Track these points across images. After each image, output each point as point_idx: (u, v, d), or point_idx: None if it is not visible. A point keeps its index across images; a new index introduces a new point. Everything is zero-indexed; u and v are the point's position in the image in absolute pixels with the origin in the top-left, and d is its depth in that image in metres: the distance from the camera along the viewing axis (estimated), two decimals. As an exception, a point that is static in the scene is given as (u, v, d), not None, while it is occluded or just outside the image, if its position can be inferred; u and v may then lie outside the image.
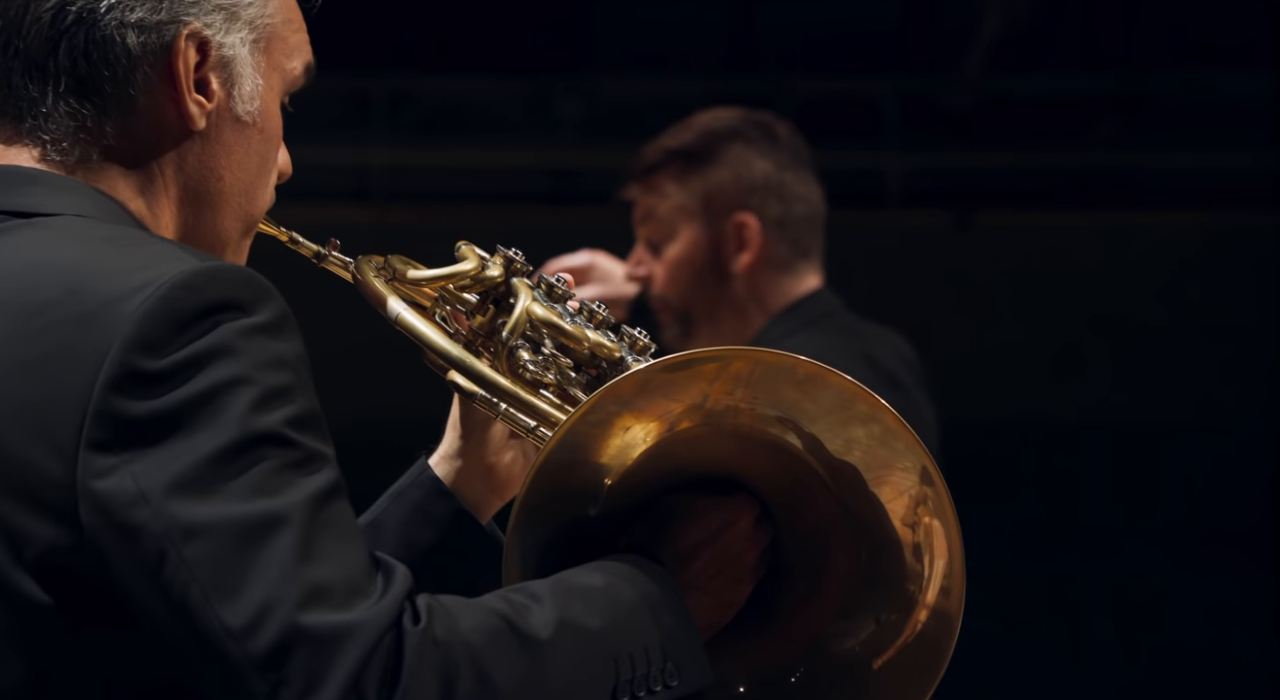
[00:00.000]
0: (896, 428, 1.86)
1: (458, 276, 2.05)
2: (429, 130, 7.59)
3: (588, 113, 7.62)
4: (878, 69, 7.56)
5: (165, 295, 1.67)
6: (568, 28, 7.62)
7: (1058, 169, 7.41)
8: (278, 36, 1.90)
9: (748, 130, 3.58)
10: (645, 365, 1.87)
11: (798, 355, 1.85)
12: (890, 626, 1.91)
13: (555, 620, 1.72)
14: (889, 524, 1.90)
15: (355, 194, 7.37)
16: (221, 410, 1.65)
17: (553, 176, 7.87)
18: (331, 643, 1.61)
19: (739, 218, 3.53)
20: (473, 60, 7.53)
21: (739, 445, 1.89)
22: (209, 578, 1.62)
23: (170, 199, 1.87)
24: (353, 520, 1.68)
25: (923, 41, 7.65)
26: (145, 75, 1.83)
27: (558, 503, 1.86)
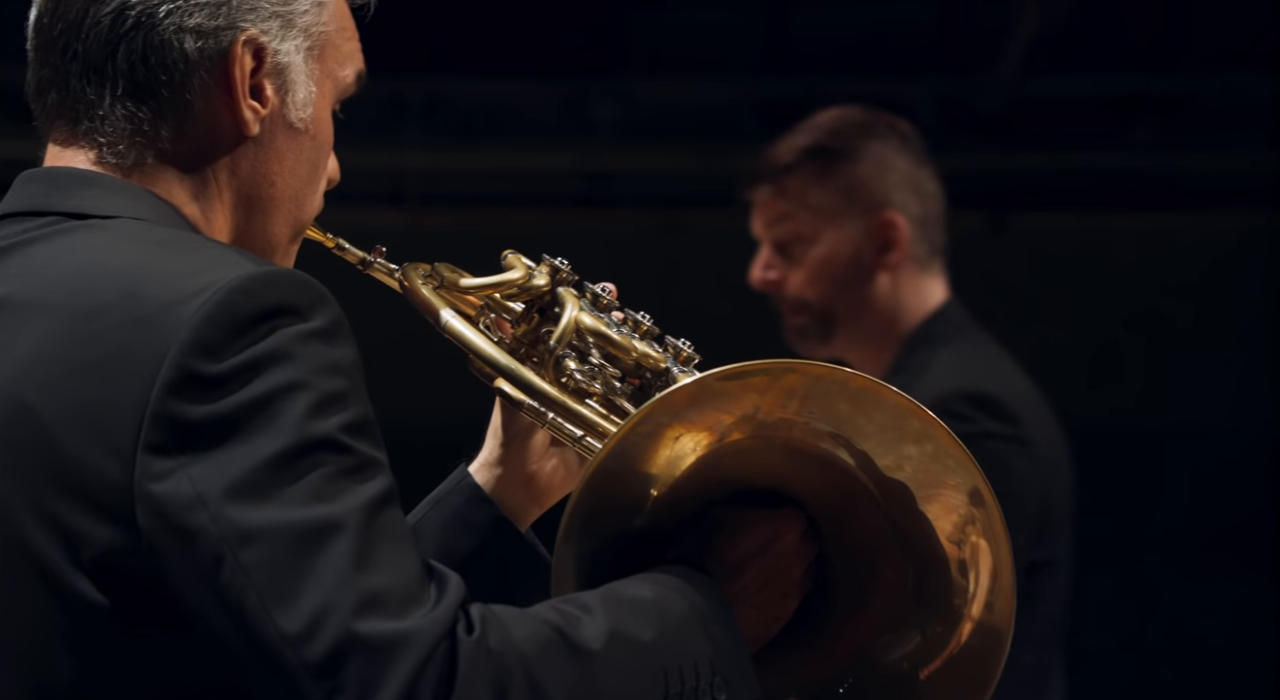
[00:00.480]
0: (949, 445, 1.86)
1: (505, 285, 2.07)
2: (464, 133, 7.61)
3: (623, 116, 7.63)
4: (913, 71, 7.54)
5: (223, 299, 1.69)
6: (602, 31, 7.62)
7: (1093, 170, 7.38)
8: (331, 44, 1.92)
9: (879, 127, 3.52)
10: (698, 376, 1.86)
11: (849, 369, 1.85)
12: (936, 639, 1.91)
13: (607, 631, 1.72)
14: (936, 541, 1.89)
15: (390, 197, 7.39)
16: (278, 415, 1.66)
17: (587, 179, 7.88)
18: (387, 651, 1.61)
19: (886, 215, 3.47)
20: (507, 63, 7.54)
21: (789, 458, 1.89)
22: (265, 583, 1.63)
23: (224, 203, 1.88)
24: (406, 527, 1.69)
25: (958, 44, 7.63)
26: (201, 80, 1.85)
27: (607, 513, 1.86)
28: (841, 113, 3.59)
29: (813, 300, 3.49)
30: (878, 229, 3.48)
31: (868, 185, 3.49)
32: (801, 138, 3.56)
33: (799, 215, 3.52)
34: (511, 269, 2.09)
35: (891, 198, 3.49)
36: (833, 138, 3.52)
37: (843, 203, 3.49)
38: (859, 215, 3.48)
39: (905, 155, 3.52)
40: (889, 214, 3.48)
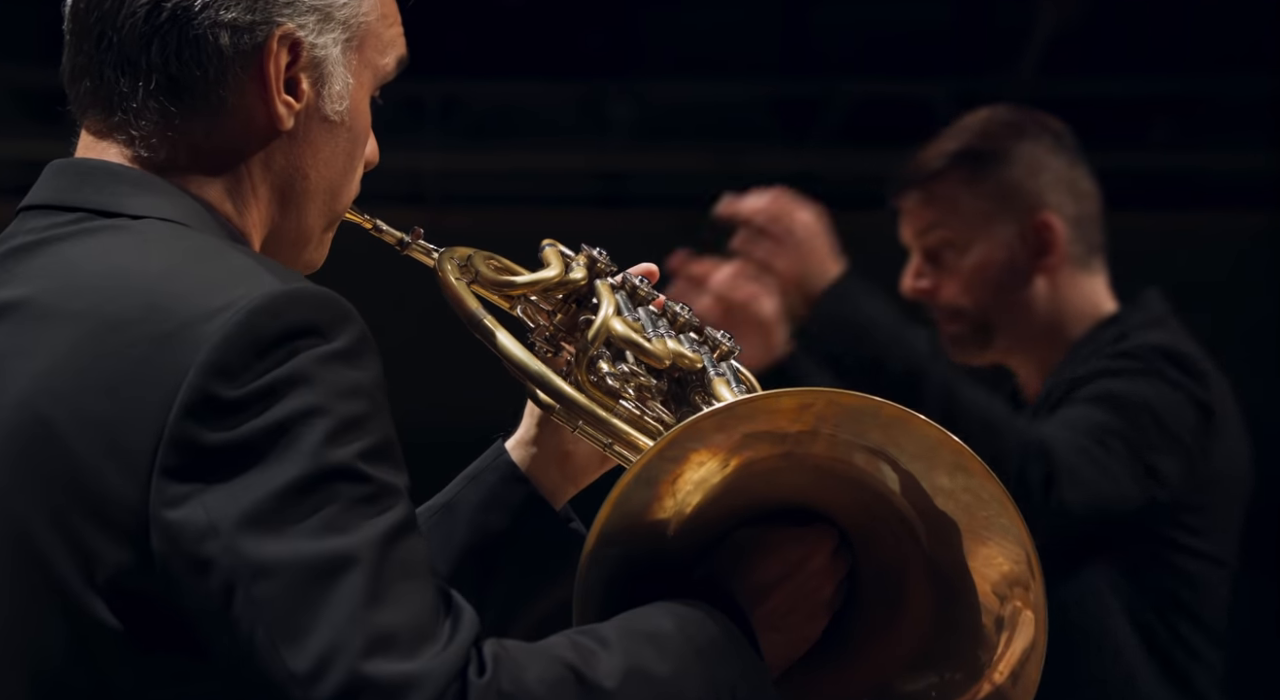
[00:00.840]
0: (985, 480, 1.81)
1: (541, 283, 2.04)
2: (481, 134, 7.61)
3: (639, 116, 7.62)
4: (931, 71, 7.53)
5: (243, 321, 1.67)
6: (618, 31, 7.62)
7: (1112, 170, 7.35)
8: (372, 33, 1.89)
9: (1029, 126, 3.43)
10: (727, 403, 1.84)
11: (879, 398, 1.81)
12: (954, 686, 1.87)
13: (623, 668, 1.70)
14: (973, 584, 1.85)
15: (409, 197, 7.39)
16: (295, 442, 1.64)
17: (604, 179, 7.87)
18: (395, 693, 1.60)
19: (1041, 218, 3.38)
20: (524, 64, 7.53)
21: (818, 479, 1.86)
22: (275, 619, 1.61)
23: (257, 198, 1.86)
24: (423, 558, 1.67)
25: (976, 43, 7.62)
26: (236, 76, 1.83)
27: (632, 535, 1.84)
28: (991, 113, 3.49)
29: (968, 308, 3.40)
30: (1033, 232, 3.39)
31: (1021, 188, 3.40)
32: (950, 142, 3.48)
33: (950, 222, 3.43)
34: (548, 265, 2.06)
35: (1046, 199, 3.40)
36: (982, 140, 3.43)
37: (995, 207, 3.40)
38: (1013, 219, 3.39)
39: (1058, 154, 3.43)
40: (1044, 216, 3.39)
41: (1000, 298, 3.38)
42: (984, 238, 3.40)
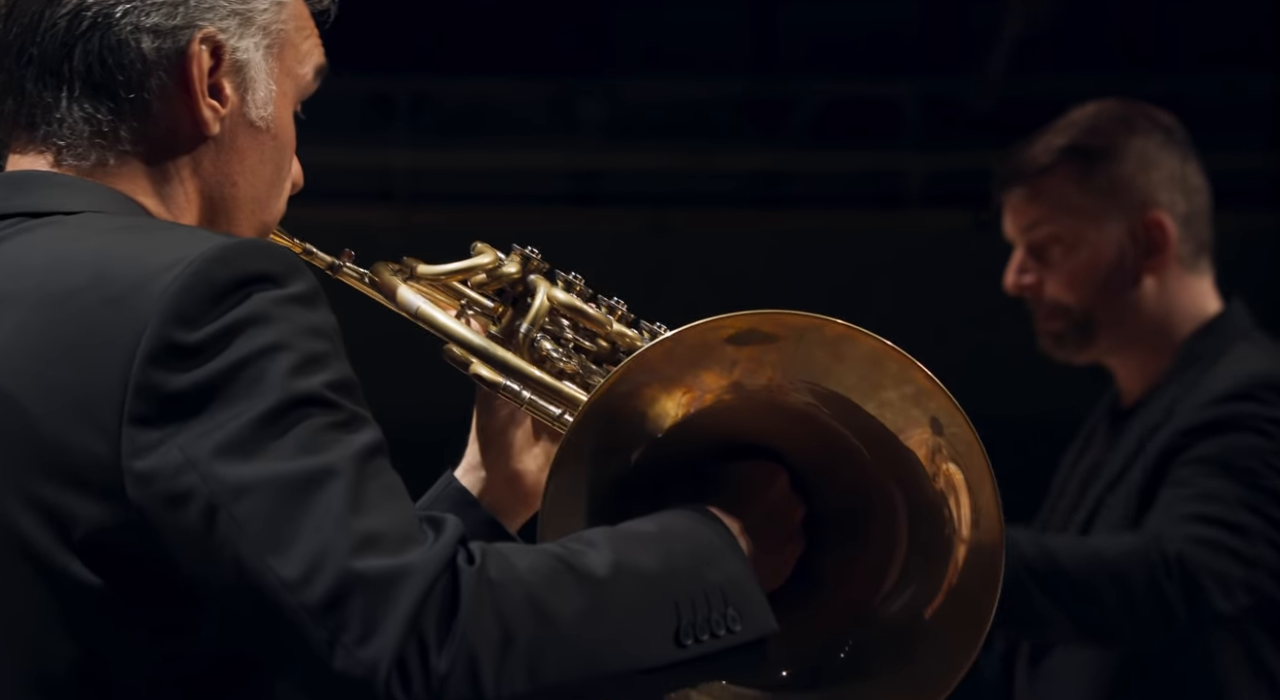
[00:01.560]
0: (929, 387, 1.84)
1: (473, 270, 2.06)
2: (451, 132, 7.60)
3: (610, 114, 7.63)
4: (899, 70, 7.55)
5: (198, 269, 1.68)
6: (590, 29, 7.62)
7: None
8: (290, 43, 1.89)
9: (1140, 122, 3.33)
10: (673, 331, 1.85)
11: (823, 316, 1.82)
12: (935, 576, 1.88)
13: (613, 562, 1.71)
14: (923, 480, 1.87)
15: (379, 196, 7.38)
16: (262, 375, 1.65)
17: (575, 178, 7.88)
18: (387, 585, 1.60)
19: (1152, 216, 3.28)
20: (495, 62, 7.53)
21: (769, 414, 1.88)
22: (260, 533, 1.62)
23: (189, 202, 1.87)
24: (398, 478, 1.69)
25: (944, 42, 7.64)
26: (160, 80, 1.83)
27: (588, 481, 1.86)
28: (1100, 107, 3.37)
29: (1073, 305, 3.29)
30: (1143, 230, 3.26)
31: (1132, 185, 3.28)
32: (1059, 137, 3.34)
33: (1057, 218, 3.30)
34: (480, 256, 2.07)
35: (1157, 197, 3.27)
36: (1093, 136, 3.31)
37: (1105, 204, 3.28)
38: (1122, 216, 3.27)
39: (1170, 150, 3.31)
40: (1154, 214, 3.27)
41: (1106, 296, 3.28)
42: (1093, 235, 3.28)
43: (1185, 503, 3.09)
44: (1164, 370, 3.28)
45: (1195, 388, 3.23)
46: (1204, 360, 3.25)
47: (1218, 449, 3.12)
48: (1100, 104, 3.39)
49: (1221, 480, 3.10)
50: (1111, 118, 3.34)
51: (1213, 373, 3.22)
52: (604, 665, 1.68)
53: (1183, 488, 3.11)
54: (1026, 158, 3.37)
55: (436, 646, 1.60)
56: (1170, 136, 3.32)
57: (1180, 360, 3.27)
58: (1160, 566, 3.02)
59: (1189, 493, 3.10)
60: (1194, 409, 3.19)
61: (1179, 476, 3.12)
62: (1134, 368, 3.34)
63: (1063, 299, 3.31)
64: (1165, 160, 3.30)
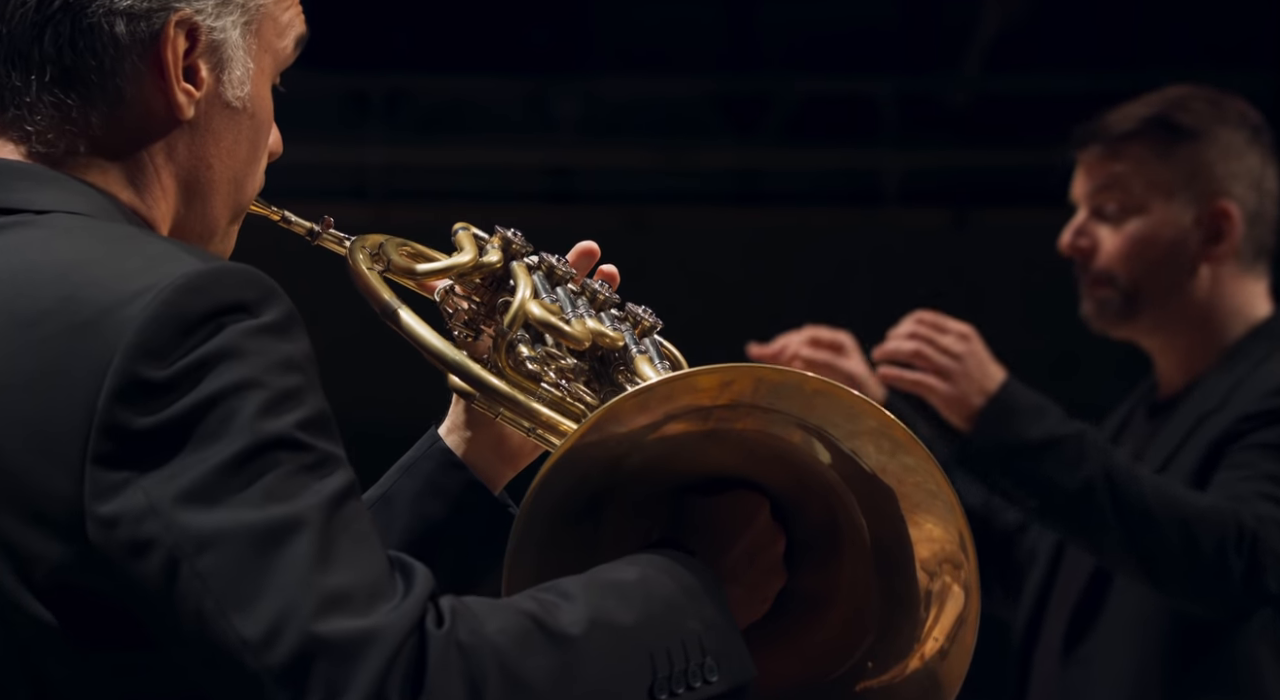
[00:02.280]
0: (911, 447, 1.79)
1: (454, 269, 1.99)
2: (427, 129, 7.58)
3: (586, 112, 7.61)
4: (876, 68, 7.55)
5: (167, 299, 1.62)
6: (566, 26, 7.61)
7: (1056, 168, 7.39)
8: (269, 16, 1.84)
9: (1231, 113, 3.31)
10: (646, 384, 1.80)
11: (802, 372, 1.78)
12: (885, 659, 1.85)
13: (587, 617, 1.66)
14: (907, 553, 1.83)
15: (353, 193, 7.36)
16: (230, 417, 1.60)
17: (551, 175, 7.86)
18: (352, 650, 1.56)
19: (1222, 205, 3.24)
20: (471, 59, 7.52)
21: (746, 455, 1.84)
22: (223, 589, 1.57)
23: (163, 189, 1.81)
24: (369, 522, 1.63)
25: (921, 40, 7.65)
26: (133, 64, 1.77)
27: (560, 523, 1.81)
28: (1195, 90, 3.34)
29: (1121, 276, 3.25)
30: (1209, 217, 3.22)
31: (1211, 170, 3.24)
32: (1148, 107, 3.30)
33: (1129, 185, 3.26)
34: (461, 250, 2.01)
35: (1231, 188, 3.23)
36: (1185, 114, 3.28)
37: (1179, 182, 3.24)
38: (1192, 199, 3.23)
39: (1254, 148, 3.28)
40: (1224, 203, 3.22)
41: (1157, 274, 3.24)
42: (1159, 210, 3.25)
43: (1251, 482, 3.07)
44: (1209, 365, 3.25)
45: (1251, 380, 3.19)
46: (1252, 358, 3.21)
47: (1275, 435, 3.09)
48: (1195, 87, 3.36)
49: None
50: (1205, 101, 3.32)
51: (1269, 367, 3.18)
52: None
53: (1245, 470, 3.08)
54: (1111, 120, 3.33)
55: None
56: (1257, 135, 3.29)
57: (1227, 358, 3.23)
58: (1234, 532, 3.00)
59: (1254, 474, 3.08)
60: (1253, 398, 3.15)
61: (1240, 460, 3.10)
62: (1175, 356, 3.30)
63: (1113, 267, 3.28)
64: (1248, 155, 3.27)
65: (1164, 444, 3.23)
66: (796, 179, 7.87)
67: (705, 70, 7.69)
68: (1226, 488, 3.08)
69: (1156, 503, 3.03)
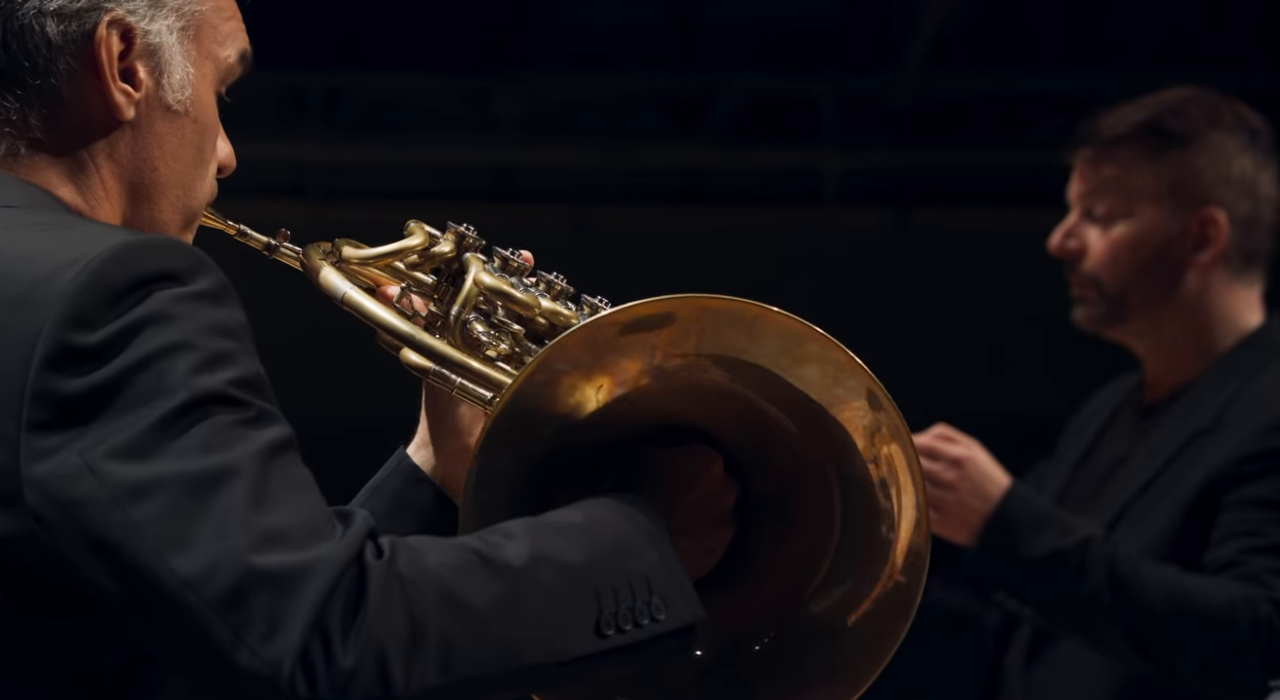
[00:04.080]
0: (848, 364, 1.83)
1: (404, 252, 2.02)
2: (366, 127, 7.55)
3: (527, 110, 7.60)
4: (817, 67, 7.56)
5: (96, 269, 1.64)
6: (507, 24, 7.59)
7: (997, 168, 7.42)
8: (208, 24, 1.86)
9: (1227, 117, 3.27)
10: (591, 318, 1.84)
11: (741, 299, 1.82)
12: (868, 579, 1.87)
13: (530, 552, 1.68)
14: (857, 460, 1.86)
15: (292, 191, 7.32)
16: (162, 376, 1.62)
17: (492, 174, 7.84)
18: (290, 582, 1.58)
19: (1208, 211, 3.22)
20: (411, 57, 7.49)
21: (695, 398, 1.87)
22: (159, 534, 1.59)
23: (107, 191, 1.83)
24: (307, 473, 1.65)
25: (862, 40, 7.66)
26: (68, 65, 1.79)
27: (512, 467, 1.83)
28: (1193, 94, 3.29)
29: (1106, 280, 3.24)
30: (1196, 224, 3.21)
31: (1199, 176, 3.22)
32: (1141, 111, 3.28)
33: (1118, 188, 3.25)
34: (412, 237, 2.04)
35: (1220, 194, 3.21)
36: (1176, 119, 3.24)
37: (1167, 188, 3.20)
38: (1180, 204, 3.21)
39: (1248, 153, 3.25)
40: (1212, 210, 3.21)
41: (1143, 279, 3.23)
42: (1146, 215, 3.24)
43: (1262, 557, 3.05)
44: (1198, 371, 3.24)
45: (1245, 400, 3.18)
46: (1244, 371, 3.20)
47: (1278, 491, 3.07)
48: (1194, 91, 3.34)
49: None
50: (1199, 106, 3.29)
51: (1264, 392, 3.17)
52: (520, 657, 1.65)
53: (1251, 538, 3.07)
54: (1104, 123, 3.32)
55: (341, 642, 1.57)
56: (1254, 140, 3.27)
57: (1218, 368, 3.22)
58: (1247, 630, 3.00)
59: (1263, 544, 3.06)
60: (1251, 433, 3.13)
61: (1244, 521, 3.08)
62: (1164, 360, 3.30)
63: (1099, 270, 3.27)
64: (1241, 161, 3.25)
65: (1153, 454, 3.22)
66: (738, 178, 7.88)
67: (647, 69, 7.69)
68: (1233, 558, 3.06)
69: (1165, 604, 3.03)
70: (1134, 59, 7.13)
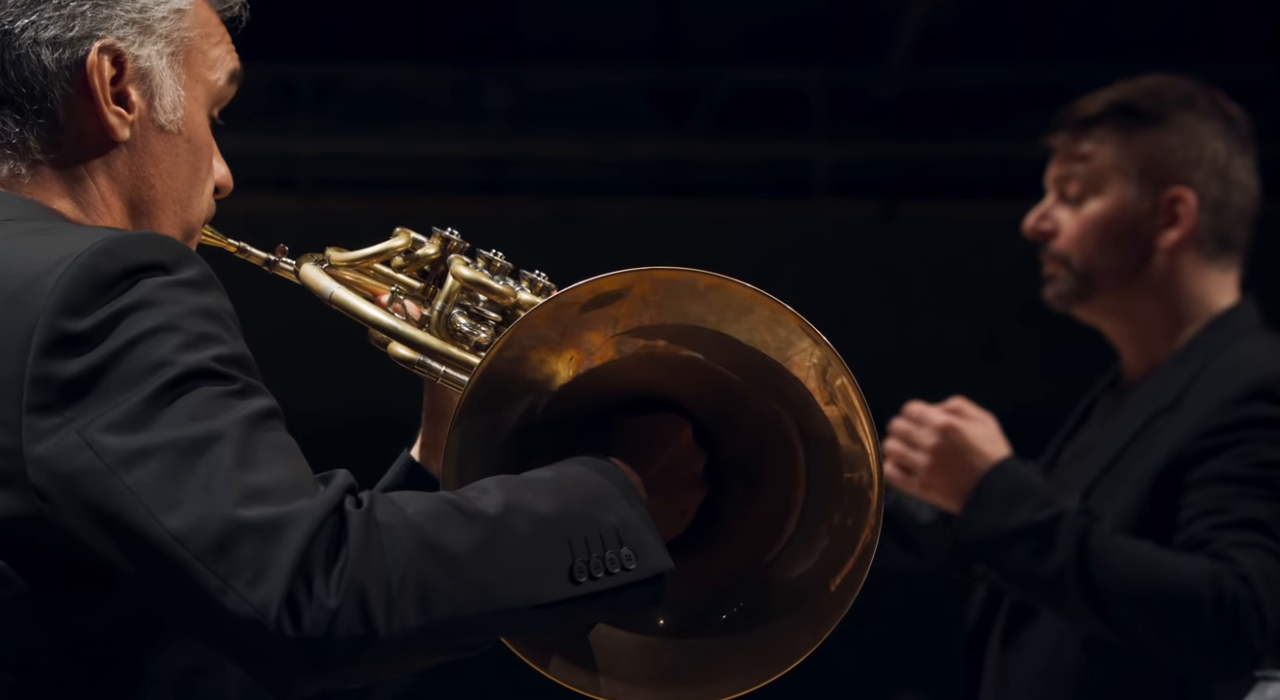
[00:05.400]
0: (799, 327, 1.91)
1: (389, 252, 2.13)
2: (356, 118, 7.55)
3: (515, 101, 7.60)
4: (805, 59, 7.57)
5: (86, 262, 1.74)
6: (496, 16, 7.60)
7: (986, 159, 7.44)
8: (196, 49, 1.97)
9: (1203, 103, 3.30)
10: (551, 296, 1.92)
11: (694, 269, 1.90)
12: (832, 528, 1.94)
13: (505, 503, 1.76)
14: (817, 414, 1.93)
15: (282, 183, 7.32)
16: (150, 354, 1.71)
17: (480, 165, 7.85)
18: (274, 530, 1.66)
19: (1176, 190, 3.26)
20: (400, 48, 7.49)
21: (660, 368, 1.95)
22: (152, 496, 1.67)
23: (108, 206, 1.93)
24: (291, 441, 1.74)
25: (850, 32, 7.67)
26: (63, 90, 1.91)
27: (489, 439, 1.91)
28: (1170, 79, 3.33)
29: (1075, 256, 3.27)
30: (1165, 202, 3.24)
31: (1169, 157, 3.25)
32: (1115, 92, 3.33)
33: (1090, 168, 3.28)
34: (396, 238, 2.15)
35: (1189, 175, 3.24)
36: (1148, 99, 3.29)
37: (1138, 166, 3.26)
38: (1150, 184, 3.25)
39: (1224, 139, 3.26)
40: (1181, 190, 3.24)
41: (1111, 257, 3.27)
42: (1115, 193, 3.28)
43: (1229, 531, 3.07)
44: (1169, 354, 3.27)
45: (1207, 375, 3.21)
46: (1210, 349, 3.22)
47: (1241, 466, 3.10)
48: (1172, 77, 3.37)
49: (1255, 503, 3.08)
50: (1174, 90, 3.32)
51: (1227, 368, 3.20)
52: (498, 600, 1.73)
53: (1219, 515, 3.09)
54: (1080, 105, 3.36)
55: (325, 584, 1.65)
56: (1230, 126, 3.29)
57: (1185, 349, 3.24)
58: (1210, 605, 3.03)
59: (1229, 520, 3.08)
60: (1213, 407, 3.16)
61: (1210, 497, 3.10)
62: (1135, 343, 3.33)
63: (1068, 248, 3.30)
64: (1213, 144, 3.28)
65: (1118, 433, 3.26)
66: (726, 170, 7.89)
67: (635, 61, 7.69)
68: (1204, 536, 3.08)
69: (1133, 581, 3.06)
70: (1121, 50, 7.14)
